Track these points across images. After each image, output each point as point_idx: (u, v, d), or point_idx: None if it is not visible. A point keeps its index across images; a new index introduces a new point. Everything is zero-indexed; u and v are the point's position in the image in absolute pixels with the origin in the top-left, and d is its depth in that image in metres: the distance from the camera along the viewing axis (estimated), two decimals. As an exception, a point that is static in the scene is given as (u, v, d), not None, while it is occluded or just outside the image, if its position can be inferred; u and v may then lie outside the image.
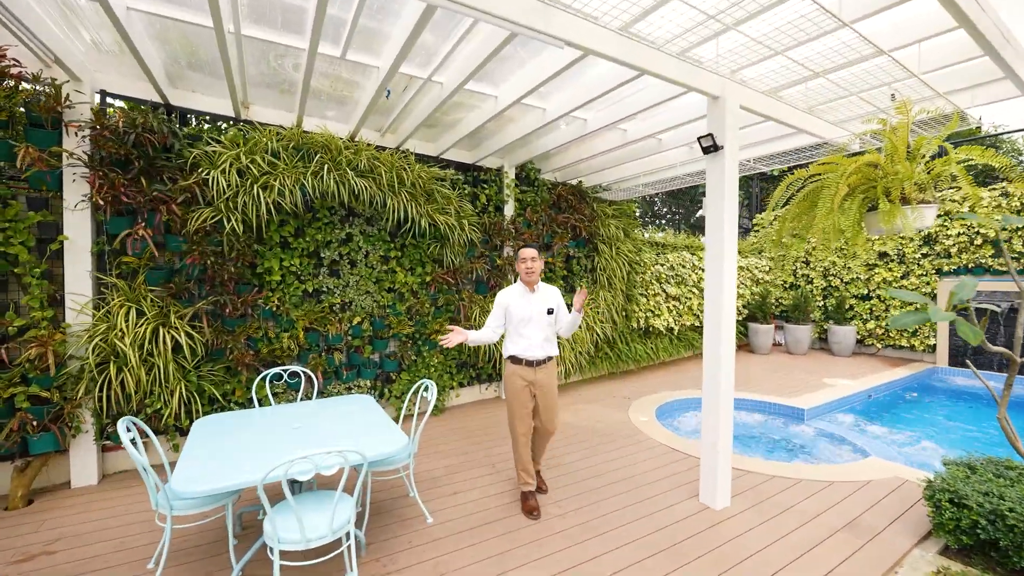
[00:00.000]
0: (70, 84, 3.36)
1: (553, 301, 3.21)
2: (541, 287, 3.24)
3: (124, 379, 3.36)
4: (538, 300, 3.17)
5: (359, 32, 3.11)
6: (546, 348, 3.17)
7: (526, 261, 3.14)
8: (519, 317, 3.14)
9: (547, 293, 3.24)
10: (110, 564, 2.57)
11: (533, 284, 3.19)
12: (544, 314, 3.14)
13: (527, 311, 3.13)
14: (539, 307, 3.15)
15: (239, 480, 2.03)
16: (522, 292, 3.20)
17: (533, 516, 3.11)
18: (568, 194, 6.37)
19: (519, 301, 3.17)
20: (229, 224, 3.80)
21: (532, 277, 3.15)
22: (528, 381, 3.13)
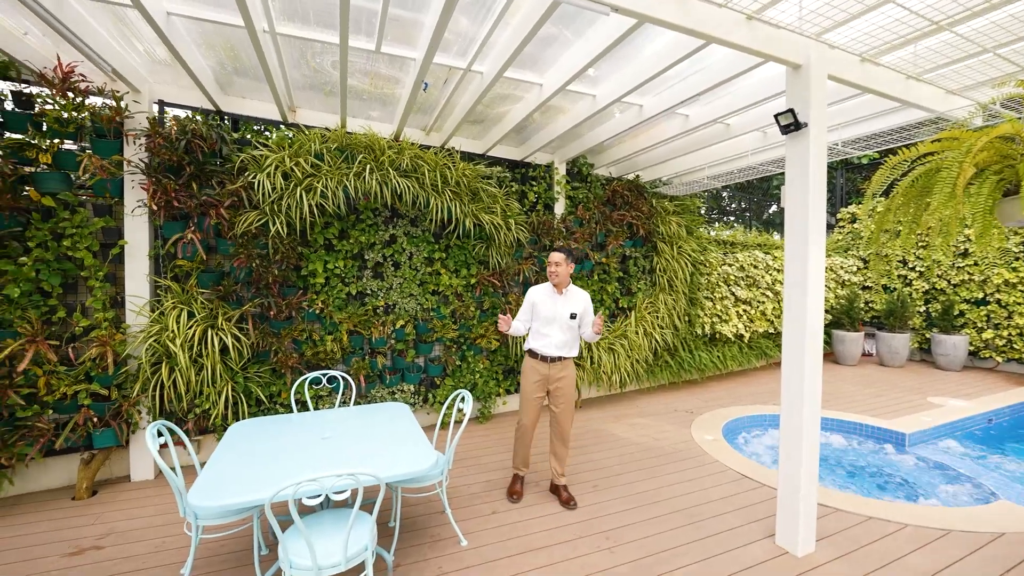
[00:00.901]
0: (129, 95, 3.51)
1: (578, 306, 3.28)
2: (570, 290, 3.32)
3: (176, 379, 3.45)
4: (563, 303, 3.26)
5: (391, 21, 2.95)
6: (563, 349, 3.27)
7: (551, 265, 3.26)
8: (544, 316, 3.26)
9: (574, 297, 3.30)
10: (147, 565, 2.59)
11: (560, 287, 3.27)
12: (567, 317, 3.24)
13: (551, 312, 3.25)
14: (563, 310, 3.25)
15: (248, 498, 1.90)
16: (550, 293, 3.31)
17: (513, 500, 3.34)
18: (624, 190, 5.92)
19: (546, 301, 3.28)
20: (274, 227, 3.82)
21: (556, 280, 3.25)
22: (542, 375, 3.28)
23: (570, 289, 3.32)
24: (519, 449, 3.44)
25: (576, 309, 3.26)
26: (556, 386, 3.30)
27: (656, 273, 6.32)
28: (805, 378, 2.69)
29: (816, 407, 2.74)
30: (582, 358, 5.46)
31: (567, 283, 3.30)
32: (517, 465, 3.48)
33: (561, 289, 3.28)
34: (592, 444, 4.48)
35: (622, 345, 5.71)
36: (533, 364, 3.31)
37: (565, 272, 3.24)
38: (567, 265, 3.24)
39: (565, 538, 2.91)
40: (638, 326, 5.91)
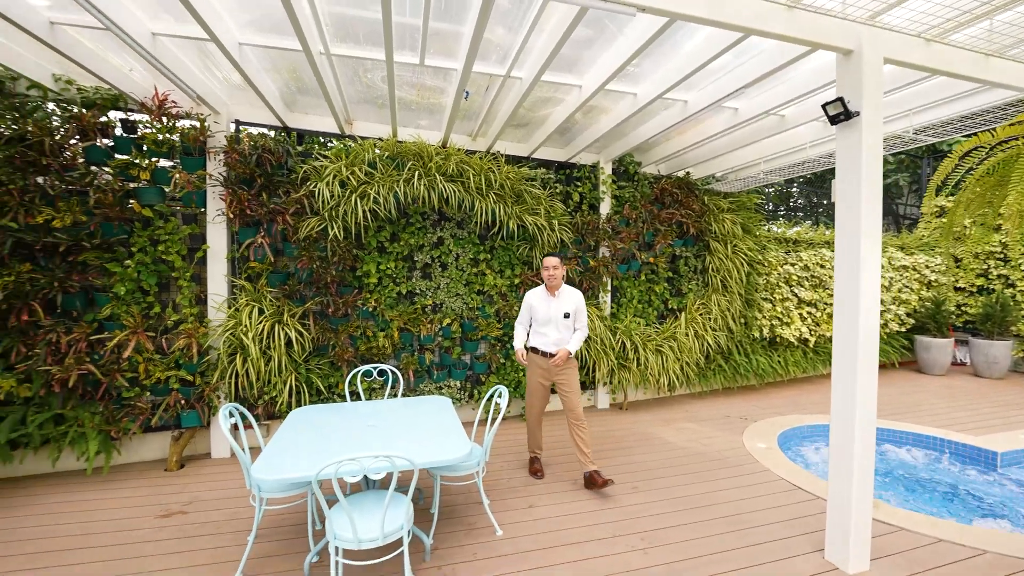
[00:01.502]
0: (211, 117, 3.97)
1: (571, 306, 3.54)
2: (563, 291, 3.59)
3: (248, 369, 3.86)
4: (557, 304, 3.54)
5: (432, 36, 3.13)
6: (560, 345, 3.54)
7: (548, 269, 3.51)
8: (541, 317, 3.57)
9: (567, 297, 3.57)
10: (222, 531, 2.93)
11: (554, 289, 3.56)
12: (562, 317, 3.53)
13: (547, 313, 3.54)
14: (558, 310, 3.53)
15: (298, 474, 2.12)
16: (544, 295, 3.60)
17: (538, 476, 3.72)
18: (673, 188, 5.77)
19: (542, 303, 3.58)
20: (332, 231, 4.14)
21: (553, 283, 3.53)
22: (544, 369, 3.57)
23: (563, 290, 3.59)
24: (533, 434, 3.81)
25: (569, 308, 3.53)
26: (560, 379, 3.57)
27: (709, 273, 6.09)
28: (857, 386, 2.53)
29: (870, 416, 2.56)
30: (628, 359, 5.38)
31: (560, 285, 3.56)
32: (532, 448, 3.85)
33: (555, 291, 3.56)
34: (636, 446, 4.43)
35: (670, 347, 5.57)
36: (536, 360, 3.60)
37: (560, 275, 3.51)
38: (563, 267, 3.54)
39: (600, 536, 2.93)
40: (688, 327, 5.73)
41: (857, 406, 2.52)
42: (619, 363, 5.39)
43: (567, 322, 3.53)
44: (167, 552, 2.73)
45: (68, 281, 3.61)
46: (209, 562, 2.63)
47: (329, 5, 2.92)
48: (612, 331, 5.42)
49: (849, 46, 2.51)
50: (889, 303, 7.41)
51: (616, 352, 5.36)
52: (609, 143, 5.27)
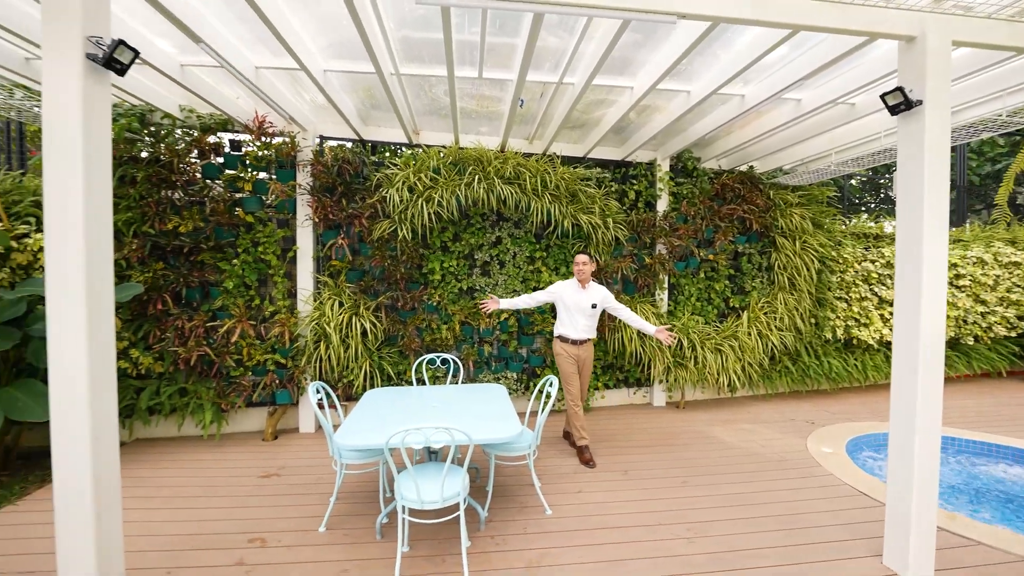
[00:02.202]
0: (300, 134, 4.54)
1: (597, 298, 3.99)
2: (591, 286, 4.03)
3: (330, 355, 4.38)
4: (586, 296, 3.97)
5: (489, 51, 3.39)
6: (587, 333, 4.01)
7: (579, 264, 3.98)
8: (572, 307, 3.97)
9: (594, 291, 4.02)
10: (308, 491, 3.41)
11: (584, 283, 4.00)
12: (589, 307, 3.96)
13: (577, 303, 3.96)
14: (587, 301, 3.95)
15: (370, 441, 2.47)
16: (576, 288, 4.01)
17: (590, 465, 3.90)
18: (735, 182, 5.61)
19: (573, 294, 3.99)
20: (401, 233, 4.56)
21: (582, 277, 3.97)
22: (573, 355, 4.00)
23: (591, 284, 4.03)
24: (576, 416, 4.00)
25: (596, 300, 3.97)
26: (583, 362, 4.04)
27: (775, 271, 5.85)
28: (918, 388, 2.43)
29: (933, 421, 2.45)
30: (685, 357, 5.34)
31: (589, 279, 4.02)
32: (581, 436, 4.00)
33: (584, 284, 3.98)
34: (689, 444, 4.43)
35: (731, 346, 5.44)
36: (565, 347, 4.01)
37: (589, 271, 3.96)
38: (592, 265, 3.99)
39: (645, 523, 3.04)
40: (751, 327, 5.55)
41: (918, 408, 2.43)
42: (675, 361, 5.36)
43: (594, 312, 3.98)
44: (267, 505, 3.24)
45: (190, 277, 4.32)
46: (299, 516, 3.09)
47: (398, 30, 3.28)
48: (668, 329, 5.40)
49: (911, 32, 2.42)
50: (995, 304, 6.63)
51: (672, 350, 5.34)
52: (666, 140, 5.27)
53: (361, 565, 2.58)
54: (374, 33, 3.05)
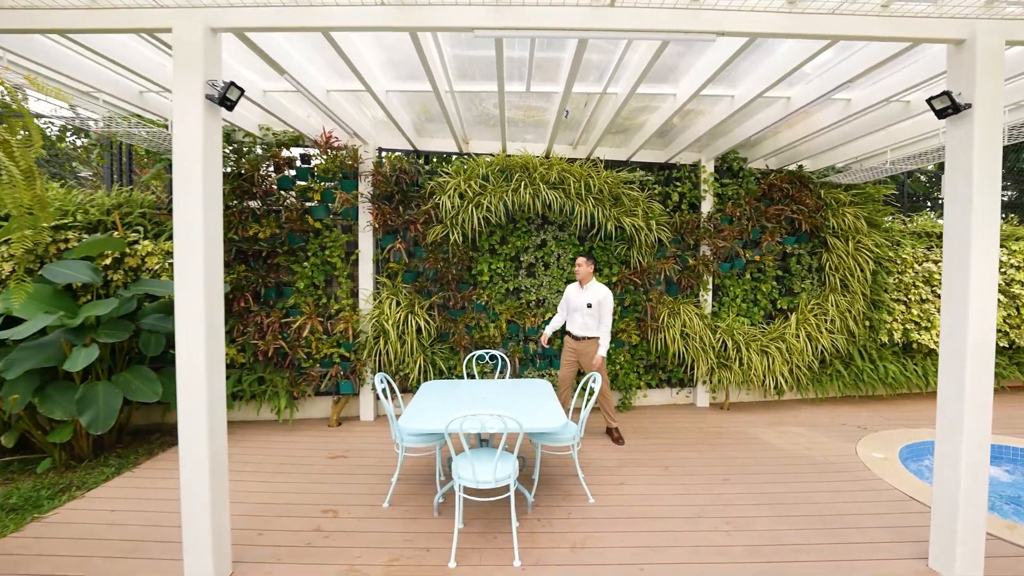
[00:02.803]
0: (362, 147, 4.96)
1: (594, 298, 4.23)
2: (590, 286, 4.31)
3: (388, 349, 4.77)
4: (584, 295, 4.28)
5: (536, 68, 3.62)
6: (585, 330, 4.30)
7: (578, 267, 4.31)
8: (572, 305, 4.37)
9: (592, 291, 4.27)
10: (371, 472, 3.78)
11: (583, 283, 4.31)
12: (585, 306, 4.25)
13: (576, 302, 4.33)
14: (583, 300, 4.27)
15: (431, 426, 2.77)
16: (577, 288, 4.37)
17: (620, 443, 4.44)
18: (782, 182, 5.54)
19: (575, 294, 4.36)
20: (452, 237, 4.88)
21: (579, 277, 4.32)
22: (573, 349, 4.38)
23: (590, 284, 4.30)
24: (564, 404, 4.36)
25: (592, 300, 4.21)
26: (583, 356, 4.32)
27: (825, 272, 5.72)
28: (966, 391, 2.42)
29: (982, 424, 2.44)
30: (729, 359, 5.35)
31: (588, 280, 4.29)
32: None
33: (583, 285, 4.29)
34: (732, 444, 4.47)
35: (778, 348, 5.39)
36: (567, 341, 4.44)
37: (585, 272, 4.26)
38: (587, 266, 4.27)
39: (685, 515, 3.17)
40: (799, 329, 5.47)
41: (966, 410, 2.43)
42: (719, 362, 5.38)
43: (590, 311, 4.24)
44: (336, 482, 3.63)
45: (267, 278, 4.83)
46: (365, 492, 3.45)
47: (452, 49, 3.56)
48: (712, 330, 5.43)
49: (959, 35, 2.42)
50: (1080, 307, 6.14)
51: (716, 351, 5.36)
52: (710, 142, 5.29)
53: (422, 537, 2.89)
54: (432, 55, 3.35)
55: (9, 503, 3.25)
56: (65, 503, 3.29)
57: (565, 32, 2.37)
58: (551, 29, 2.34)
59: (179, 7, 2.22)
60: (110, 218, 4.56)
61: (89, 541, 2.84)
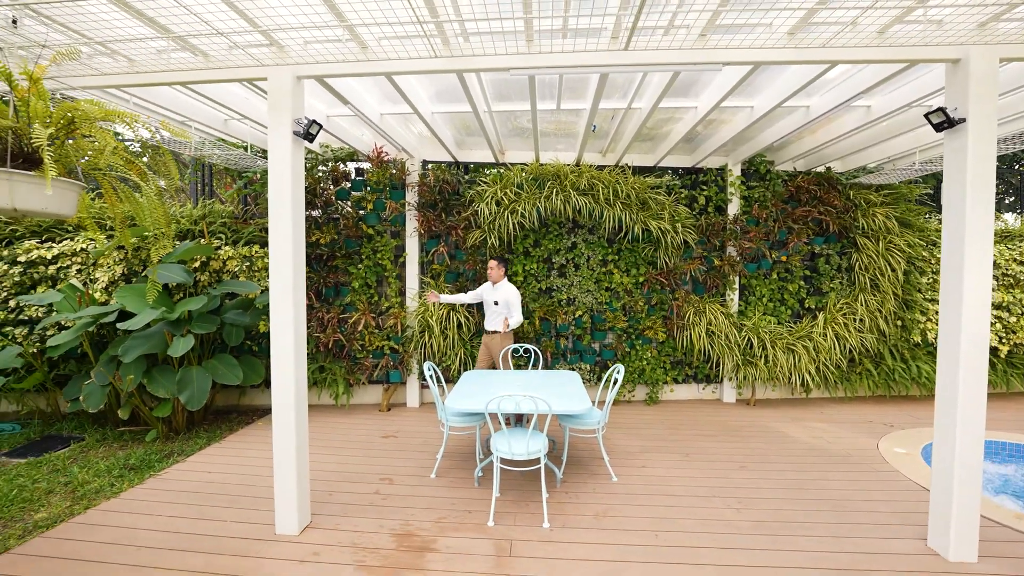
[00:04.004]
0: (409, 160, 5.50)
1: (501, 296, 4.74)
2: (500, 285, 4.80)
3: (432, 343, 5.29)
4: (494, 293, 4.79)
5: (566, 87, 4.01)
6: (491, 324, 4.82)
7: (490, 269, 4.79)
8: (485, 301, 4.89)
9: (502, 291, 4.77)
10: (419, 449, 4.30)
11: (494, 282, 4.81)
12: (492, 304, 4.79)
13: (487, 299, 4.85)
14: (492, 297, 4.79)
15: (473, 406, 3.23)
16: (489, 287, 4.86)
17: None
18: (810, 184, 5.67)
19: (487, 292, 4.87)
20: (490, 241, 5.34)
21: (491, 279, 4.81)
22: (485, 343, 4.90)
23: (501, 284, 4.80)
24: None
25: (499, 298, 4.74)
26: (492, 349, 4.86)
27: (855, 272, 5.79)
28: (959, 385, 2.64)
29: (975, 414, 2.64)
30: (755, 356, 5.54)
31: (499, 280, 4.80)
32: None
33: (494, 284, 4.80)
34: (753, 436, 4.70)
35: (804, 346, 5.53)
36: (484, 335, 4.94)
37: (496, 274, 4.77)
38: (499, 269, 4.78)
39: (700, 494, 3.49)
40: (826, 328, 5.59)
41: (959, 400, 2.65)
42: (745, 359, 5.58)
43: (496, 308, 4.77)
44: (389, 457, 4.17)
45: (327, 278, 5.46)
46: (414, 465, 3.96)
47: (490, 76, 4.00)
48: (738, 328, 5.64)
49: (954, 56, 2.63)
50: None
51: (742, 348, 5.57)
52: (736, 147, 5.50)
53: (464, 502, 3.35)
54: (472, 85, 3.81)
55: (130, 463, 3.97)
56: (172, 465, 3.98)
57: (587, 69, 2.75)
58: (574, 67, 2.74)
59: (275, 64, 2.77)
60: (198, 227, 5.31)
61: (197, 494, 3.48)
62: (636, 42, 2.63)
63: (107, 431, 4.73)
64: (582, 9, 2.38)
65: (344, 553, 2.75)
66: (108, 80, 2.93)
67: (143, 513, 3.20)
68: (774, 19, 2.54)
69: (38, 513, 3.18)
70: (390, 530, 3.00)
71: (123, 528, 3.01)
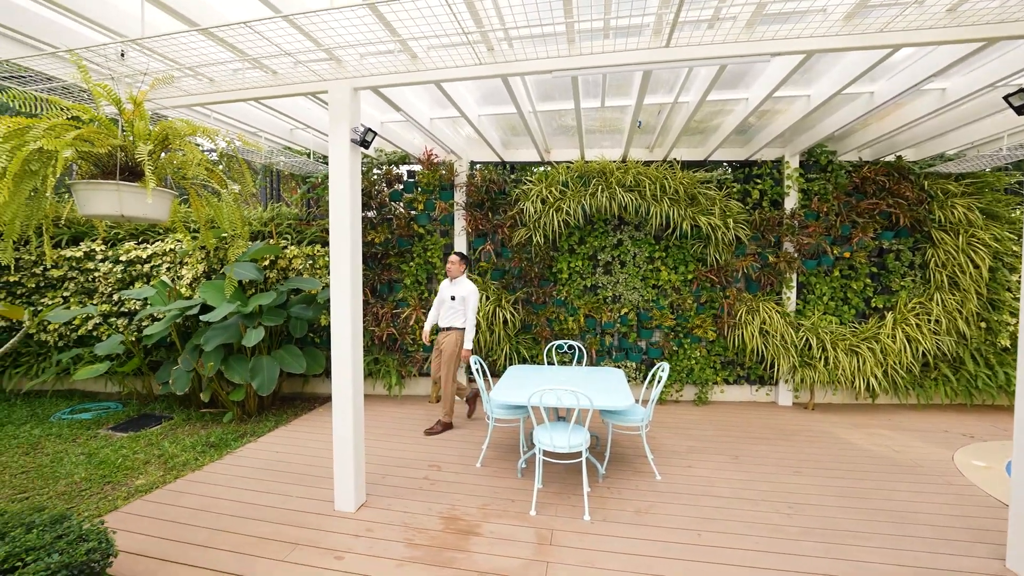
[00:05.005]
0: (457, 161, 5.70)
1: (459, 292, 4.56)
2: (459, 281, 4.62)
3: (479, 338, 5.45)
4: (451, 289, 4.60)
5: (610, 84, 4.01)
6: (447, 320, 4.63)
7: (449, 264, 4.63)
8: (439, 299, 4.70)
9: (460, 286, 4.59)
10: (465, 440, 4.48)
11: (452, 278, 4.63)
12: (449, 299, 4.58)
13: (443, 295, 4.66)
14: (448, 294, 4.59)
15: (516, 399, 3.34)
16: (447, 283, 4.68)
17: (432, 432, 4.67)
18: (877, 175, 5.28)
19: (444, 288, 4.68)
20: (535, 239, 5.43)
21: (450, 274, 4.63)
22: (436, 340, 4.76)
23: (460, 280, 4.62)
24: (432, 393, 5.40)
25: (457, 294, 4.56)
26: (441, 348, 4.65)
27: (930, 268, 5.35)
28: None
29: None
30: (813, 357, 5.27)
31: (459, 276, 4.62)
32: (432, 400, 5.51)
33: (453, 280, 4.63)
34: (809, 441, 4.49)
35: (870, 349, 5.19)
36: (439, 334, 4.75)
37: (457, 269, 4.59)
38: (459, 264, 4.60)
39: (747, 497, 3.40)
40: (896, 329, 5.20)
41: (1043, 409, 2.43)
42: (802, 361, 5.32)
43: (454, 304, 4.58)
44: (437, 446, 4.37)
45: (381, 276, 5.78)
46: (461, 454, 4.14)
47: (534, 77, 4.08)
48: (795, 328, 5.38)
49: (1041, 33, 2.41)
50: None
51: (799, 349, 5.31)
52: (793, 137, 5.24)
53: (507, 491, 3.48)
54: (517, 87, 3.91)
55: (210, 441, 4.43)
56: (246, 444, 4.40)
57: (628, 67, 2.77)
58: (616, 66, 2.76)
59: (335, 78, 3.01)
60: (267, 228, 5.79)
61: (266, 471, 3.84)
62: (678, 37, 2.62)
63: (191, 412, 5.28)
64: (621, 10, 2.40)
65: (395, 531, 2.96)
66: (194, 99, 3.30)
67: (221, 485, 3.58)
68: (827, 3, 2.45)
69: (138, 480, 3.65)
70: (437, 513, 3.18)
71: (205, 497, 3.39)
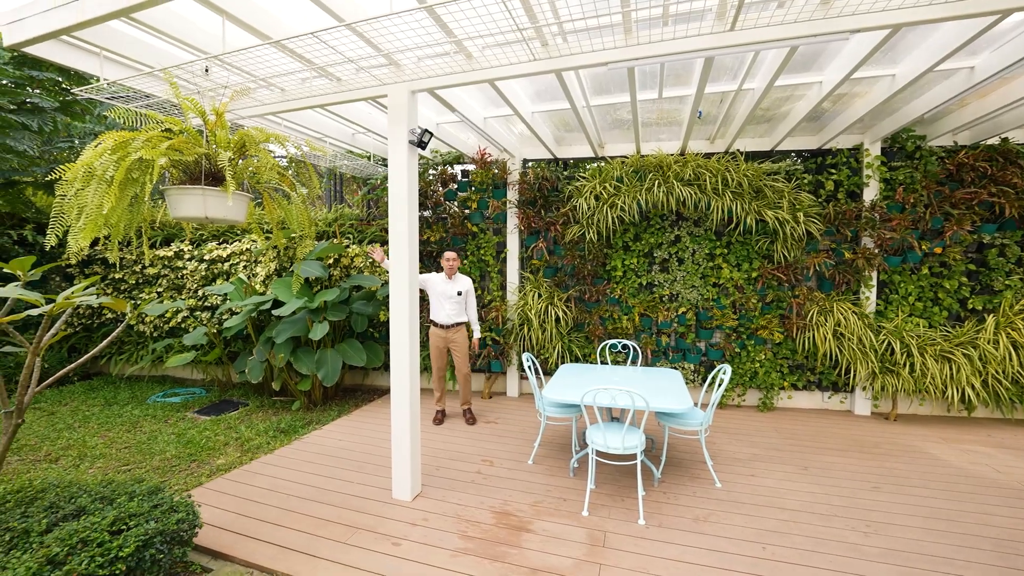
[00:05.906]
0: (509, 159, 5.73)
1: (463, 287, 4.71)
2: (457, 277, 4.75)
3: (532, 336, 5.47)
4: (453, 285, 4.68)
5: (668, 74, 3.86)
6: (455, 317, 4.71)
7: (448, 260, 4.67)
8: (440, 295, 4.69)
9: (460, 282, 4.73)
10: (518, 438, 4.50)
11: (451, 274, 4.70)
12: (455, 295, 4.67)
13: (445, 291, 4.67)
14: (453, 290, 4.66)
15: (569, 397, 3.31)
16: (444, 279, 4.71)
17: (436, 423, 4.88)
18: (976, 160, 4.71)
19: (441, 284, 4.70)
20: (588, 236, 5.35)
21: (451, 272, 4.68)
22: (442, 338, 4.76)
23: (457, 276, 4.74)
24: (437, 388, 5.00)
25: (461, 289, 4.67)
26: (453, 345, 4.75)
27: (1043, 265, 4.70)
28: None
29: None
30: (896, 363, 4.80)
31: (455, 272, 4.71)
32: (437, 399, 5.04)
33: (451, 276, 4.69)
34: (891, 455, 4.10)
35: (966, 355, 4.65)
36: (436, 331, 4.78)
37: (455, 265, 4.67)
38: (457, 261, 4.69)
39: (818, 512, 3.16)
40: (998, 333, 4.63)
41: None
42: (884, 367, 4.86)
43: (459, 299, 4.69)
44: (490, 441, 4.43)
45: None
46: (512, 451, 4.17)
47: (588, 71, 4.02)
48: (875, 330, 4.93)
49: None
50: None
51: (880, 354, 4.86)
52: (874, 123, 4.80)
53: (559, 490, 3.46)
54: (571, 81, 3.86)
55: (281, 427, 4.76)
56: (312, 431, 4.69)
57: (690, 54, 2.65)
58: (676, 54, 2.65)
59: (393, 83, 3.12)
60: (331, 228, 6.12)
61: (330, 457, 4.07)
62: (744, 20, 2.47)
63: (264, 399, 5.70)
64: (682, -5, 2.31)
65: (449, 522, 3.03)
66: (267, 108, 3.55)
67: (290, 468, 3.84)
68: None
69: (218, 460, 3.99)
70: (489, 507, 3.22)
71: (275, 478, 3.65)
